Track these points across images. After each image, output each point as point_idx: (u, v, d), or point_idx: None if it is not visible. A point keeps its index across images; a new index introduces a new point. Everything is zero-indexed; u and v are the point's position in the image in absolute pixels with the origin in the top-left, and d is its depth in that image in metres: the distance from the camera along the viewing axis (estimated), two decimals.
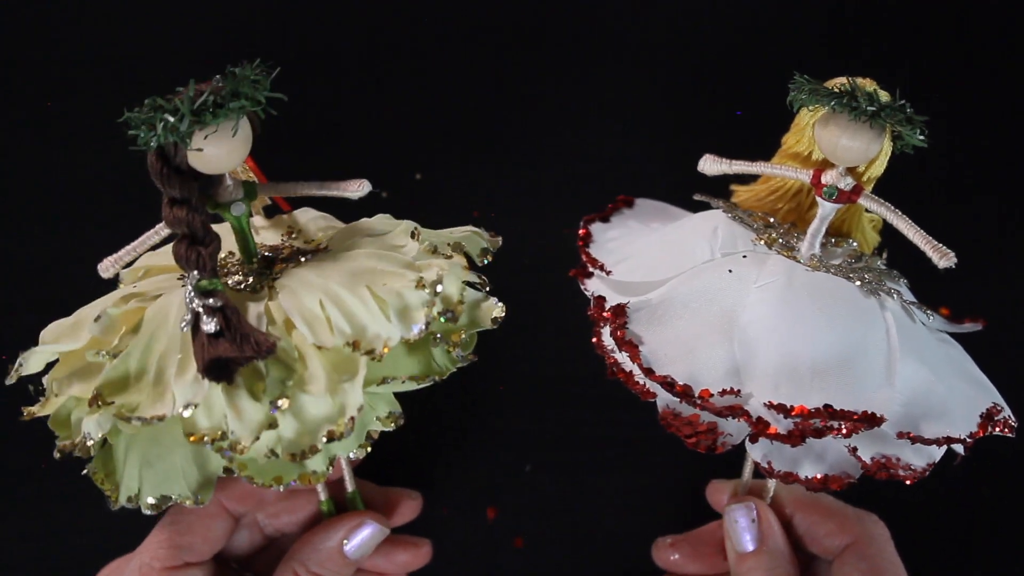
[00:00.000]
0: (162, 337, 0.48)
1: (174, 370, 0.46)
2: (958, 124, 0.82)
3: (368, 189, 0.52)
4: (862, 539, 0.56)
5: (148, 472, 0.50)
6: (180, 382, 0.46)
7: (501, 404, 0.77)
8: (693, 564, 0.61)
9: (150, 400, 0.46)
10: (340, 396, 0.47)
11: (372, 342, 0.47)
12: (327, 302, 0.48)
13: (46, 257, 0.79)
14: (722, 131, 0.82)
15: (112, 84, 0.84)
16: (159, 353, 0.47)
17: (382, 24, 0.86)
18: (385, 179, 0.83)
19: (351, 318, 0.48)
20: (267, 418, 0.46)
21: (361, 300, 0.48)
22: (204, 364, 0.45)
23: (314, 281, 0.49)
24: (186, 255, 0.46)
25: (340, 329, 0.47)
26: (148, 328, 0.49)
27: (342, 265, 0.51)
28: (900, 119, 0.48)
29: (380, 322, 0.48)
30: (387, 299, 0.48)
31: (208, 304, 0.45)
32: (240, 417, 0.46)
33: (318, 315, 0.48)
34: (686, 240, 0.55)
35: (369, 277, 0.49)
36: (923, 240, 0.50)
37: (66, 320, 0.53)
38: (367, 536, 0.57)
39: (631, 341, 0.50)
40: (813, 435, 0.47)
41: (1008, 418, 0.51)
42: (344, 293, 0.48)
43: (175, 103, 0.44)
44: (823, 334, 0.49)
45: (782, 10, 0.86)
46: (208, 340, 0.45)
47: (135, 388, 0.47)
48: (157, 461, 0.50)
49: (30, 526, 0.72)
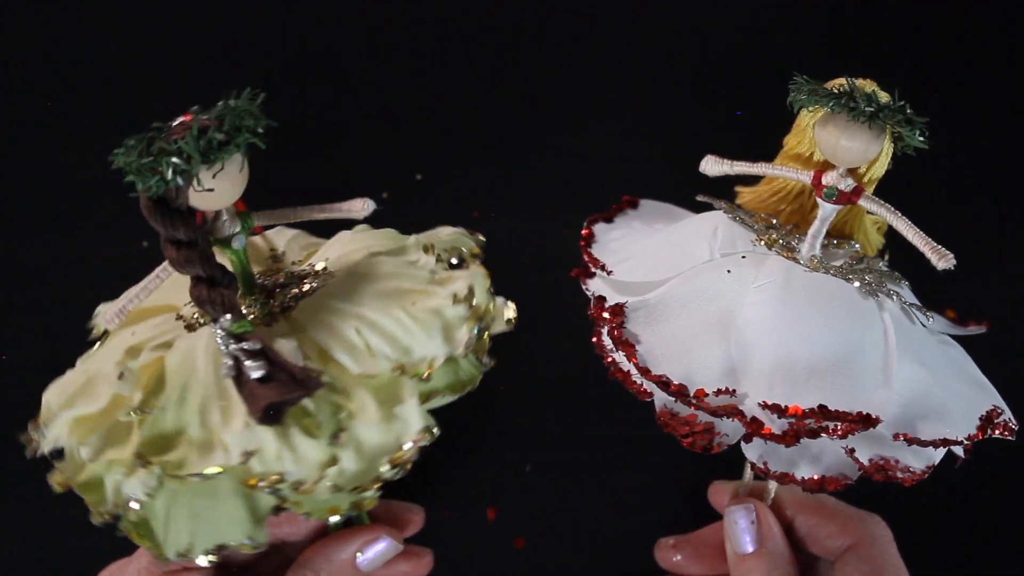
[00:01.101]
0: (196, 387, 0.46)
1: (219, 419, 0.45)
2: (958, 124, 0.82)
3: (372, 207, 0.51)
4: (864, 540, 0.56)
5: (199, 524, 0.48)
6: (231, 432, 0.44)
7: (501, 404, 0.77)
8: (695, 565, 0.61)
9: (199, 454, 0.44)
10: (396, 422, 0.46)
11: (418, 364, 0.47)
12: (364, 329, 0.47)
13: (46, 257, 0.79)
14: (722, 131, 0.82)
15: (112, 84, 0.84)
16: (197, 405, 0.45)
17: (382, 24, 0.86)
18: (385, 179, 0.83)
19: (393, 342, 0.47)
20: (329, 455, 0.45)
21: (398, 322, 0.47)
22: (260, 412, 0.43)
23: (343, 309, 0.48)
24: (210, 299, 0.44)
25: (384, 354, 0.46)
26: (177, 380, 0.46)
27: (364, 288, 0.49)
28: (899, 120, 0.48)
29: (423, 343, 0.47)
30: (426, 318, 0.47)
31: (246, 348, 0.43)
32: (300, 458, 0.45)
33: (357, 344, 0.47)
34: (686, 241, 0.55)
35: (399, 298, 0.48)
36: (922, 241, 0.50)
37: (69, 379, 0.50)
38: (381, 550, 0.57)
39: (628, 340, 0.51)
40: (808, 435, 0.47)
41: (1008, 421, 0.51)
42: (379, 318, 0.47)
43: (178, 144, 0.41)
44: (819, 334, 0.49)
45: (783, 10, 0.86)
46: (256, 385, 0.43)
47: (178, 445, 0.45)
48: (207, 512, 0.48)
49: (30, 526, 0.72)
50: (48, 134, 0.82)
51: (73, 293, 0.77)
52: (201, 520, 0.48)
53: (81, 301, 0.56)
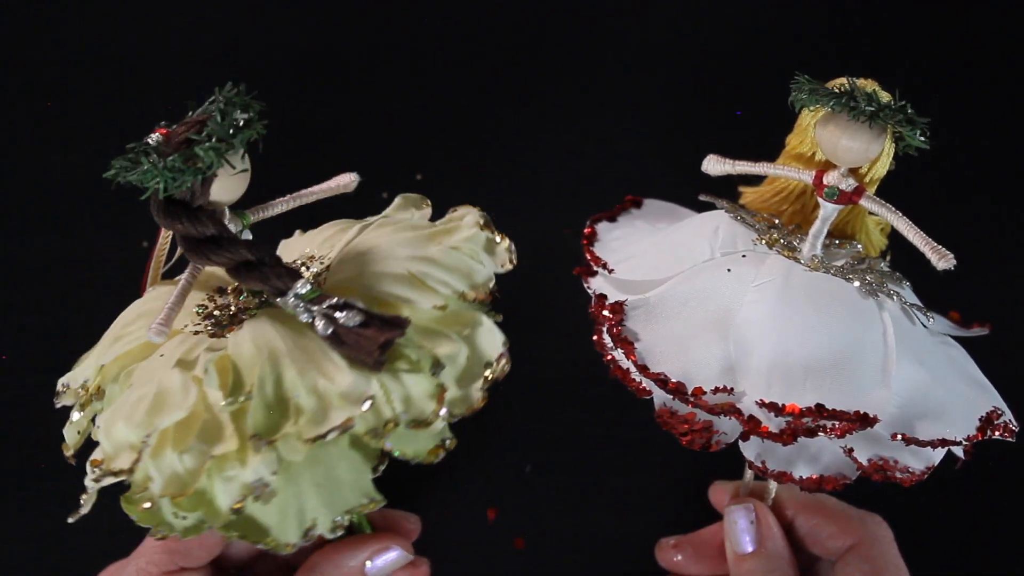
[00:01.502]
0: (286, 362, 0.45)
1: (324, 381, 0.44)
2: (959, 124, 0.82)
3: (358, 180, 0.52)
4: (865, 540, 0.56)
5: (322, 495, 0.48)
6: (341, 385, 0.44)
7: (501, 404, 0.77)
8: (696, 565, 0.61)
9: (313, 420, 0.43)
10: (477, 345, 0.48)
11: (481, 287, 0.49)
12: (416, 266, 0.48)
13: (46, 257, 0.79)
14: (723, 131, 0.82)
15: (112, 84, 0.84)
16: (296, 377, 0.45)
17: (382, 24, 0.87)
18: (385, 179, 0.83)
19: (450, 272, 0.48)
20: (436, 385, 0.46)
21: (444, 254, 0.49)
22: (378, 352, 0.43)
23: (382, 259, 0.49)
24: (275, 275, 0.45)
25: (445, 284, 0.48)
26: (258, 364, 0.45)
27: (384, 242, 0.50)
28: (900, 119, 0.48)
29: (476, 267, 0.49)
30: (466, 246, 0.49)
31: (333, 304, 0.44)
32: (411, 395, 0.45)
33: (416, 284, 0.48)
34: (687, 240, 0.55)
35: (427, 240, 0.50)
36: (922, 241, 0.50)
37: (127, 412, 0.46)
38: (391, 560, 0.57)
39: (627, 338, 0.51)
40: (805, 434, 0.47)
41: (1009, 422, 0.51)
42: (422, 260, 0.48)
43: (208, 130, 0.42)
44: (818, 334, 0.49)
45: (784, 10, 0.86)
46: (359, 333, 0.44)
47: (288, 419, 0.44)
48: (327, 480, 0.48)
49: (30, 526, 0.72)
50: (48, 134, 0.82)
51: (73, 293, 0.77)
52: (323, 489, 0.48)
53: (81, 301, 0.56)
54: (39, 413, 0.74)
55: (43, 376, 0.73)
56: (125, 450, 0.45)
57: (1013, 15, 0.85)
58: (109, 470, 0.45)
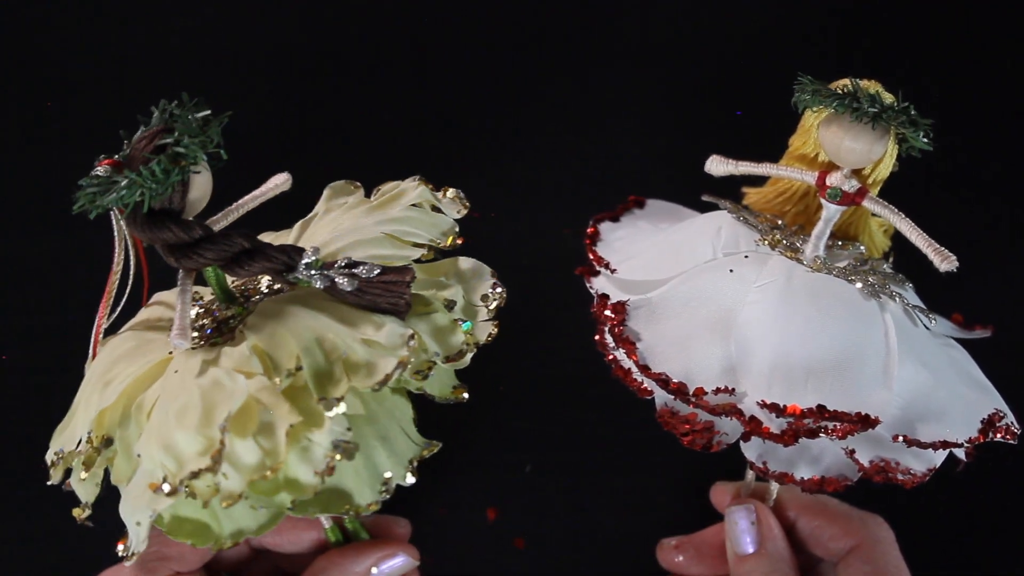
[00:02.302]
0: (315, 327, 0.46)
1: (366, 331, 0.45)
2: (963, 126, 0.81)
3: (290, 178, 0.53)
4: (867, 542, 0.56)
5: (387, 447, 0.52)
6: (384, 333, 0.45)
7: (501, 404, 0.77)
8: (698, 566, 0.61)
9: (368, 370, 0.44)
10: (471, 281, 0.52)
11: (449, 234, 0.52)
12: (388, 228, 0.50)
13: (46, 257, 0.79)
14: (726, 132, 0.82)
15: (112, 84, 0.84)
16: (332, 336, 0.45)
17: (382, 24, 0.86)
18: (385, 179, 0.83)
19: (419, 225, 0.51)
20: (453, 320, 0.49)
21: (407, 215, 0.52)
22: (407, 293, 0.46)
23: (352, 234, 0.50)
24: (279, 250, 0.45)
25: (418, 235, 0.51)
26: (290, 338, 0.45)
27: (341, 225, 0.52)
28: (903, 121, 0.48)
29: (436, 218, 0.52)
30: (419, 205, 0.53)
31: (346, 263, 0.45)
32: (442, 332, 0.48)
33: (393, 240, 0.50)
34: (690, 240, 0.55)
35: (380, 211, 0.52)
36: (925, 243, 0.50)
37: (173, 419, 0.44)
38: (396, 566, 0.57)
39: (628, 338, 0.51)
40: (806, 435, 0.47)
41: (1010, 424, 0.51)
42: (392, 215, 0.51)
43: (178, 131, 0.42)
44: (820, 335, 0.49)
45: (787, 11, 0.86)
46: (379, 281, 0.45)
47: (343, 376, 0.44)
48: (390, 431, 0.52)
49: (30, 526, 0.72)
50: (48, 134, 0.82)
51: (73, 293, 0.77)
52: (387, 442, 0.52)
53: (81, 301, 0.56)
54: (39, 413, 0.74)
55: (43, 376, 0.73)
56: (192, 458, 0.42)
57: (1015, 15, 0.85)
58: (183, 478, 0.42)
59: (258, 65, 0.85)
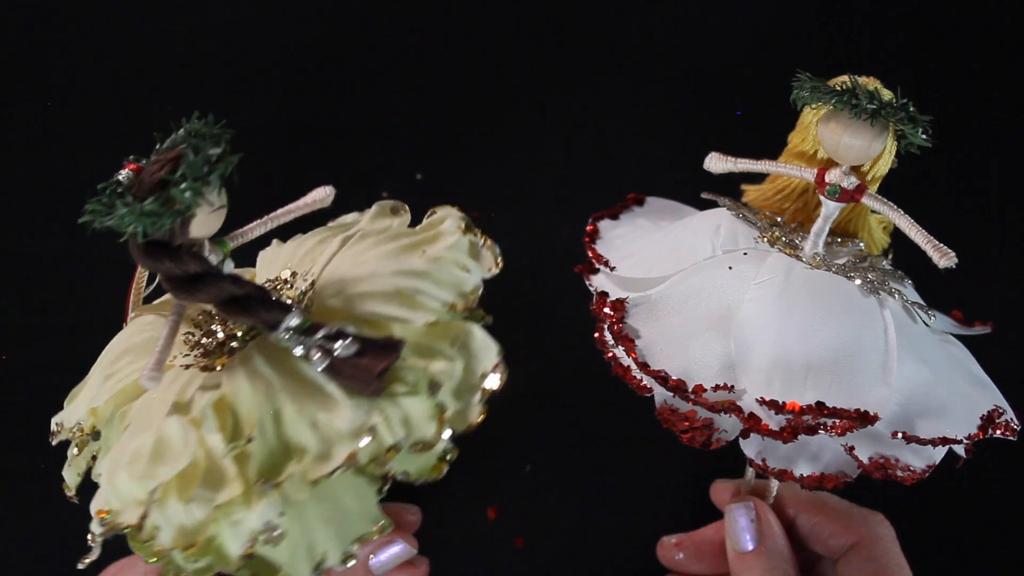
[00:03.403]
0: (283, 399, 0.44)
1: (323, 415, 0.44)
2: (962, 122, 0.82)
3: (334, 192, 0.51)
4: (867, 539, 0.56)
5: (331, 528, 0.47)
6: (341, 420, 0.43)
7: (501, 404, 0.77)
8: (698, 564, 0.61)
9: (317, 456, 0.43)
10: (471, 356, 0.47)
11: (471, 297, 0.47)
12: (403, 282, 0.47)
13: (46, 257, 0.79)
14: (724, 131, 0.82)
15: (112, 84, 0.84)
16: (295, 413, 0.44)
17: (383, 24, 0.86)
18: (385, 179, 0.83)
19: (438, 284, 0.47)
20: (435, 405, 0.45)
21: (427, 264, 0.47)
22: (376, 378, 0.43)
23: (368, 277, 0.48)
24: (265, 308, 0.44)
25: (434, 298, 0.46)
26: (256, 403, 0.45)
27: (366, 258, 0.49)
28: (902, 117, 0.48)
29: (463, 275, 0.47)
30: (449, 255, 0.48)
31: (326, 335, 0.43)
32: (411, 420, 0.44)
33: (404, 301, 0.46)
34: (689, 237, 0.55)
35: (409, 252, 0.48)
36: (924, 239, 0.50)
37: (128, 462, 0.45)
38: (395, 554, 0.57)
39: (627, 335, 0.51)
40: (805, 432, 0.47)
41: (1010, 421, 0.51)
42: (405, 274, 0.47)
43: (182, 170, 0.41)
44: (818, 331, 0.49)
45: (786, 9, 0.86)
46: (355, 362, 0.43)
47: (292, 458, 0.44)
48: (334, 513, 0.47)
49: (30, 526, 0.72)
50: (48, 134, 0.82)
51: (73, 293, 0.77)
52: (331, 523, 0.47)
53: (81, 301, 0.55)
54: (39, 413, 0.74)
55: (43, 376, 0.73)
56: (131, 505, 0.44)
57: (1015, 13, 0.85)
58: (116, 524, 0.45)
59: (259, 64, 0.85)
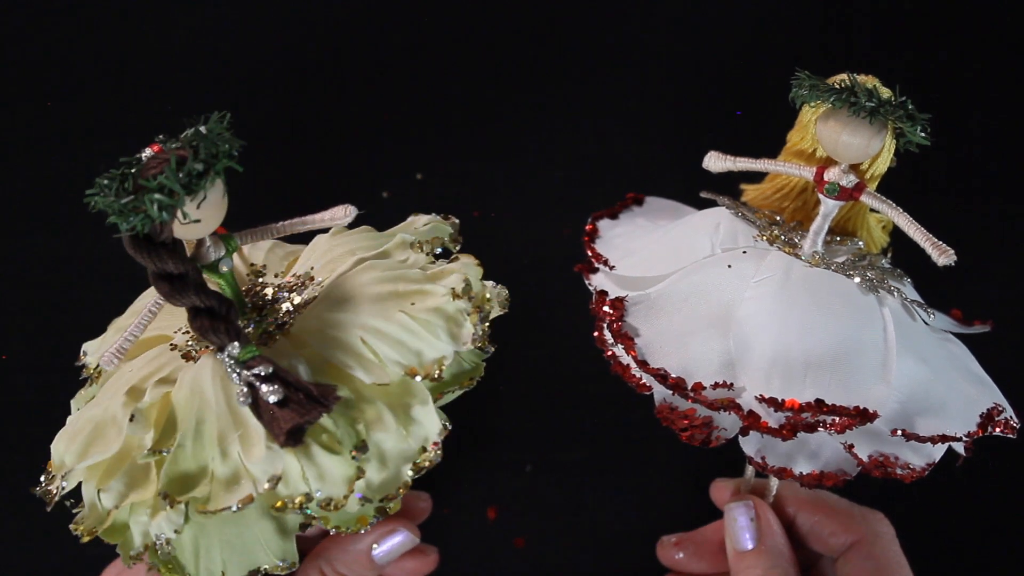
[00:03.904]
0: (210, 419, 0.45)
1: (239, 449, 0.44)
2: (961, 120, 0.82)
3: (355, 213, 0.50)
4: (867, 538, 0.56)
5: (231, 552, 0.48)
6: (253, 459, 0.44)
7: (501, 404, 0.77)
8: (698, 563, 0.61)
9: (224, 487, 0.44)
10: (415, 426, 0.46)
11: (431, 366, 0.46)
12: (370, 338, 0.46)
13: (46, 257, 0.79)
14: (723, 130, 0.82)
15: (112, 84, 0.84)
16: (215, 437, 0.45)
17: (383, 24, 0.87)
18: (386, 179, 0.83)
19: (401, 347, 0.46)
20: (354, 469, 0.45)
21: (403, 326, 0.46)
22: (284, 435, 0.42)
23: (344, 320, 0.47)
24: (213, 329, 0.44)
25: (393, 361, 0.46)
26: (189, 415, 0.46)
27: (361, 295, 0.49)
28: (900, 116, 0.48)
29: (431, 343, 0.46)
30: (429, 318, 0.47)
31: (259, 374, 0.43)
32: (325, 476, 0.45)
33: (364, 354, 0.46)
34: (688, 236, 0.55)
35: (397, 301, 0.48)
36: (923, 237, 0.50)
37: (75, 427, 0.48)
38: (397, 543, 0.57)
39: (627, 333, 0.51)
40: (805, 429, 0.47)
41: (1010, 419, 0.51)
42: (383, 324, 0.47)
43: (158, 180, 0.41)
44: (818, 329, 0.49)
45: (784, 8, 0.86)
46: (275, 409, 0.43)
47: (201, 480, 0.45)
48: (237, 539, 0.48)
49: (30, 526, 0.72)
50: (48, 134, 0.82)
51: (73, 293, 0.77)
52: (233, 548, 0.48)
53: (81, 301, 0.56)
54: (39, 413, 0.74)
55: (43, 376, 0.73)
56: (60, 469, 0.47)
57: (1014, 12, 0.85)
58: (50, 484, 0.48)
59: (259, 64, 0.85)
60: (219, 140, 0.43)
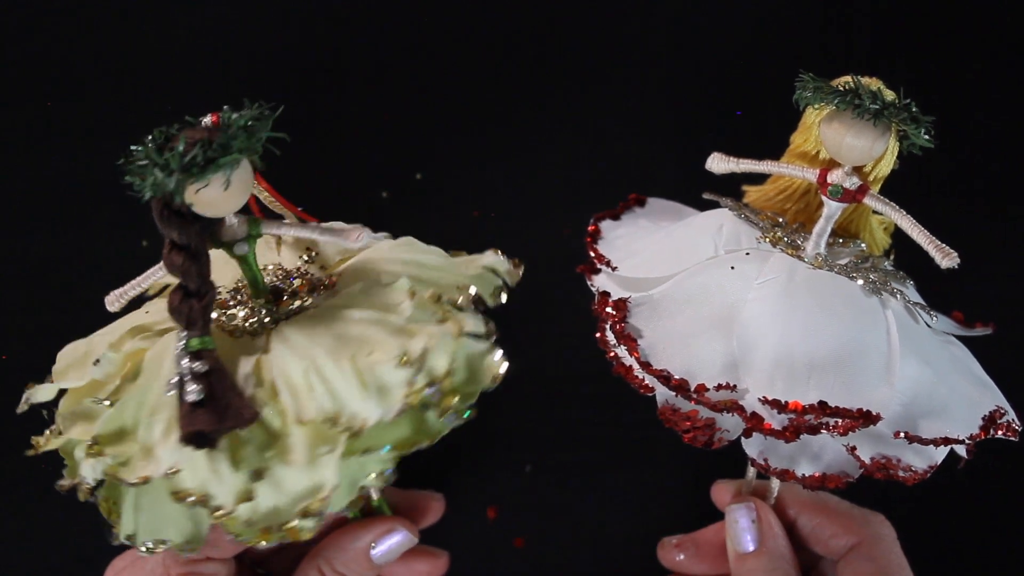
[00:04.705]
0: (155, 389, 0.46)
1: (161, 429, 0.45)
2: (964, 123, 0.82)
3: (368, 239, 0.49)
4: (868, 540, 0.56)
5: (140, 516, 0.49)
6: (166, 444, 0.44)
7: (501, 404, 0.77)
8: (699, 564, 0.61)
9: (141, 456, 0.45)
10: (318, 471, 0.46)
11: (350, 421, 0.45)
12: (311, 373, 0.46)
13: (46, 257, 0.79)
14: (725, 131, 0.82)
15: (112, 84, 0.84)
16: (151, 408, 0.46)
17: (384, 23, 0.86)
18: (386, 179, 0.83)
19: (333, 393, 0.45)
20: (246, 488, 0.45)
21: (343, 374, 0.46)
22: (183, 435, 0.43)
23: (302, 346, 0.47)
24: (178, 308, 0.44)
25: (320, 404, 0.45)
26: (145, 377, 0.47)
27: (334, 327, 0.48)
28: (904, 118, 0.48)
29: (358, 400, 0.45)
30: (368, 376, 0.46)
31: (195, 369, 0.43)
32: (222, 484, 0.45)
33: (301, 386, 0.46)
34: (691, 237, 0.55)
35: (356, 345, 0.47)
36: (926, 240, 0.50)
37: (81, 344, 0.51)
38: (395, 543, 0.57)
39: (630, 335, 0.51)
40: (808, 431, 0.47)
41: (1012, 421, 0.51)
42: (328, 365, 0.46)
43: (166, 157, 0.41)
44: (821, 331, 0.49)
45: (787, 9, 0.86)
46: (190, 409, 0.43)
47: (130, 441, 0.46)
48: (149, 507, 0.49)
49: (30, 526, 0.72)
50: (48, 134, 0.82)
51: (73, 293, 0.77)
52: (143, 513, 0.49)
53: (81, 301, 0.55)
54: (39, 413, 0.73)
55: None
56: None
57: (1016, 13, 0.85)
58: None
59: (260, 63, 0.85)
60: (239, 135, 0.43)
